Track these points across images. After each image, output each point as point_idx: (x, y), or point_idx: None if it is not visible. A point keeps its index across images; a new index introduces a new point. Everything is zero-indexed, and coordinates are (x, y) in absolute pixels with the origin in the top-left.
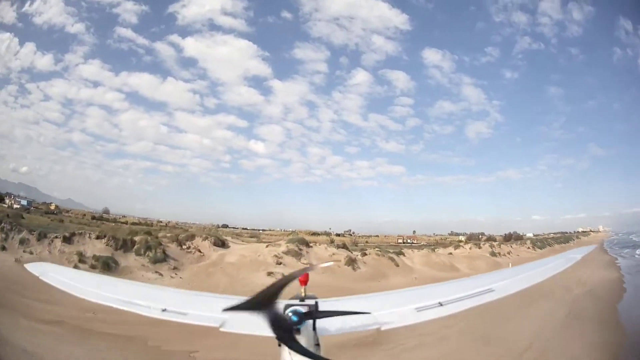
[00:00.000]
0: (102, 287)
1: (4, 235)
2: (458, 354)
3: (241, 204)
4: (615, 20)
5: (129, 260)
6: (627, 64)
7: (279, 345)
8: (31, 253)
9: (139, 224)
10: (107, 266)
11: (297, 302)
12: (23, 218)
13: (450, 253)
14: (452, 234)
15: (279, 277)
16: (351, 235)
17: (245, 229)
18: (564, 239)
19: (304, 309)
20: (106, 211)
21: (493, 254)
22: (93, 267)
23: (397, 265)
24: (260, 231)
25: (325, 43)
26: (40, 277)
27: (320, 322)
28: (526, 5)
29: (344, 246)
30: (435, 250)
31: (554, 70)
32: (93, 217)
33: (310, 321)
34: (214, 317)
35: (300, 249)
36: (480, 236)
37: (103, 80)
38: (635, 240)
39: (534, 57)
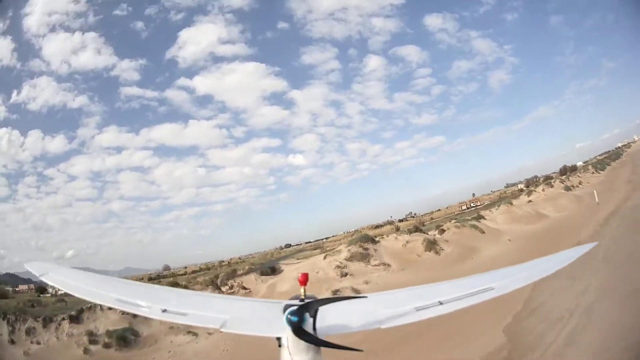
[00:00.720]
0: (102, 287)
1: (10, 328)
2: None
3: (298, 219)
4: None
5: (153, 325)
6: None
7: (279, 345)
8: (39, 343)
9: (199, 270)
10: (124, 341)
11: (297, 302)
12: (33, 306)
13: (530, 200)
14: (507, 185)
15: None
16: (414, 217)
17: (309, 242)
18: (615, 155)
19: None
20: (167, 268)
21: (567, 189)
22: (107, 346)
23: (483, 232)
24: (324, 240)
25: (329, 41)
26: (40, 277)
27: (321, 322)
28: None
29: (415, 230)
30: (512, 202)
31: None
32: (150, 278)
33: (310, 321)
34: (214, 317)
35: (366, 249)
36: (535, 180)
37: (125, 143)
38: None
39: None
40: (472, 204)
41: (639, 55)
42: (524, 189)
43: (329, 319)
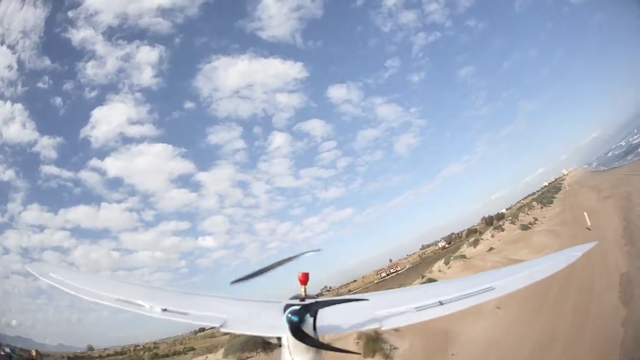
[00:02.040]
0: (102, 287)
1: None
2: None
3: None
4: None
5: None
6: (529, 6)
7: (279, 345)
8: None
9: (114, 354)
10: None
11: (297, 302)
12: None
13: (492, 248)
14: (423, 247)
15: None
16: (329, 290)
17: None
18: (553, 189)
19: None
20: (90, 348)
21: (525, 227)
22: None
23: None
24: None
25: (234, 119)
26: (41, 277)
27: (321, 322)
28: (410, 1)
29: None
30: (465, 255)
31: (457, 52)
32: (69, 357)
33: (311, 321)
34: (214, 317)
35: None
36: (453, 235)
37: (46, 222)
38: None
39: (434, 50)
40: (391, 270)
41: (560, 93)
42: (445, 247)
43: (329, 319)
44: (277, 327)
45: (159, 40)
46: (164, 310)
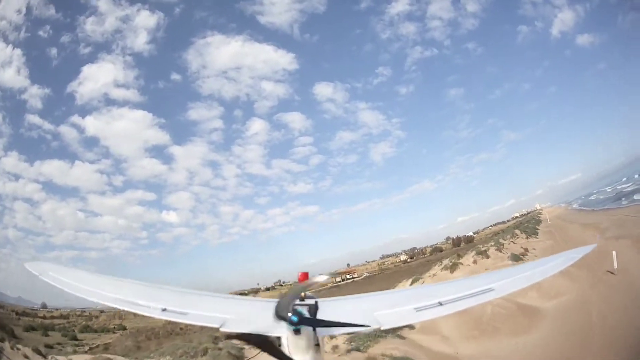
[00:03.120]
0: (102, 286)
1: None
2: None
3: (166, 278)
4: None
5: None
6: (532, 42)
7: (279, 345)
8: None
9: (64, 317)
10: None
11: (297, 302)
12: None
13: (488, 268)
14: (383, 257)
15: None
16: (282, 285)
17: None
18: (532, 221)
19: (304, 310)
20: (44, 306)
21: (517, 258)
22: None
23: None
24: None
25: (217, 99)
26: (40, 277)
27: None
28: (414, 13)
29: None
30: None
31: (450, 72)
32: (17, 313)
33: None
34: (214, 317)
35: None
36: (416, 250)
37: (22, 172)
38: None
39: (427, 65)
40: (347, 275)
41: (545, 129)
42: (406, 261)
43: (329, 319)
44: (277, 326)
45: (160, 6)
46: (164, 310)
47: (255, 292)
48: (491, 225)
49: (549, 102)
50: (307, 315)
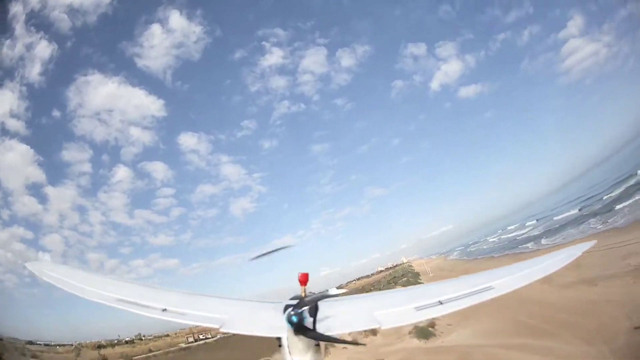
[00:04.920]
0: (103, 287)
1: None
2: None
3: (49, 320)
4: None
5: None
6: (407, 96)
7: (279, 345)
8: None
9: None
10: None
11: (297, 302)
12: None
13: None
14: None
15: None
16: (141, 339)
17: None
18: (399, 273)
19: (305, 311)
20: None
21: (426, 335)
22: None
23: None
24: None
25: (88, 141)
26: (41, 276)
27: (320, 322)
28: (286, 67)
29: None
30: None
31: (317, 128)
32: None
33: (310, 320)
34: (214, 317)
35: None
36: None
37: None
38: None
39: (293, 120)
40: (200, 335)
41: (413, 184)
42: None
43: (329, 319)
44: (276, 327)
45: (57, 38)
46: (164, 310)
47: (112, 345)
48: (355, 279)
49: (421, 156)
50: (307, 317)
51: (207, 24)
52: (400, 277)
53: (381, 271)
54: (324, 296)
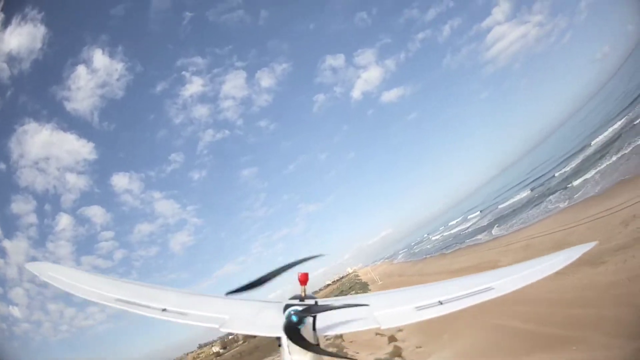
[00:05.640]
0: (102, 287)
1: None
2: None
3: None
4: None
5: None
6: (329, 109)
7: (279, 345)
8: None
9: None
10: None
11: (297, 302)
12: None
13: None
14: (200, 346)
15: None
16: None
17: None
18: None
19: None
20: None
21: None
22: None
23: None
24: None
25: (31, 192)
26: (41, 277)
27: (320, 322)
28: (207, 94)
29: None
30: None
31: (243, 153)
32: None
33: (310, 320)
34: (214, 317)
35: None
36: (230, 337)
37: None
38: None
39: (219, 148)
40: None
41: (345, 195)
42: (221, 351)
43: (329, 319)
44: (276, 327)
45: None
46: (164, 310)
47: None
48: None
49: (348, 167)
50: (306, 323)
51: (127, 60)
52: (348, 289)
53: (329, 285)
54: (326, 308)
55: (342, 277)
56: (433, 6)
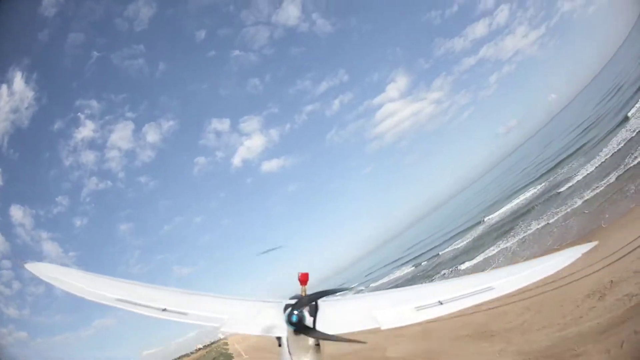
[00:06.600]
0: (102, 287)
1: None
2: None
3: None
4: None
5: None
6: (209, 173)
7: (279, 345)
8: None
9: None
10: None
11: (296, 301)
12: None
13: None
14: None
15: None
16: None
17: None
18: None
19: (305, 311)
20: None
21: None
22: None
23: None
24: None
25: None
26: (41, 277)
27: (320, 322)
28: (96, 141)
29: None
30: None
31: (123, 207)
32: None
33: (311, 320)
34: (214, 317)
35: None
36: None
37: None
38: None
39: (101, 198)
40: None
41: (219, 260)
42: None
43: (329, 318)
44: (276, 327)
45: None
46: (164, 310)
47: None
48: (177, 358)
49: (222, 233)
50: (307, 316)
51: (38, 89)
52: None
53: (200, 349)
54: (324, 293)
55: (213, 343)
56: (326, 79)
